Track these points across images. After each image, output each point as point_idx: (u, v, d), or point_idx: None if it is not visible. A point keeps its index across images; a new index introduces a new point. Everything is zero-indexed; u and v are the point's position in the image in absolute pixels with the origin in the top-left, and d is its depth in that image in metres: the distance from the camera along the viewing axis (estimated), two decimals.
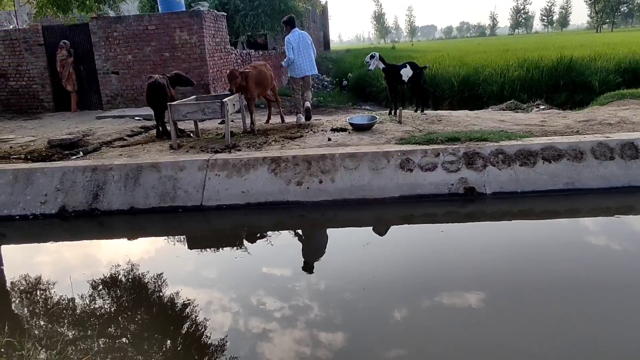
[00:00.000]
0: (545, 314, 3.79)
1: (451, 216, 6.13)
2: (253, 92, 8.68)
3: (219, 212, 6.42)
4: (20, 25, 15.47)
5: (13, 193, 6.65)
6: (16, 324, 4.15)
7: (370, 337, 3.70)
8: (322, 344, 3.59)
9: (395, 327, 3.78)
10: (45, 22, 13.40)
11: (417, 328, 3.76)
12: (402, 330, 3.75)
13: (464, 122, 8.37)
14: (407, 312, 3.98)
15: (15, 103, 13.41)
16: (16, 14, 16.03)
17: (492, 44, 37.82)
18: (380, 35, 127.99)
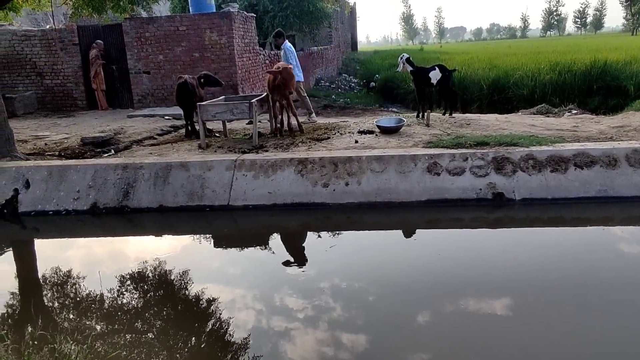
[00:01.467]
0: (573, 325, 3.71)
1: (479, 222, 6.05)
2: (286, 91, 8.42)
3: (245, 212, 6.48)
4: (57, 25, 15.92)
5: (47, 189, 6.85)
6: (48, 317, 4.27)
7: (392, 339, 3.68)
8: (344, 345, 3.60)
9: (418, 331, 3.75)
10: (80, 22, 13.74)
11: (439, 332, 3.72)
12: (424, 334, 3.72)
13: (493, 126, 8.25)
14: (430, 316, 3.95)
15: (50, 101, 13.79)
16: (53, 14, 16.52)
17: (523, 46, 37.16)
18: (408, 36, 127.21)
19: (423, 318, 3.92)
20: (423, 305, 4.10)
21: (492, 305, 4.03)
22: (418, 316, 3.95)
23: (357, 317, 4.00)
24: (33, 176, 6.94)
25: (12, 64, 13.58)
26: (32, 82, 13.72)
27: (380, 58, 31.31)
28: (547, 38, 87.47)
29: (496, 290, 4.29)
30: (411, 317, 3.94)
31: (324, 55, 23.92)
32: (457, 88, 13.16)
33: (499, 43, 59.34)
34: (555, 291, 4.22)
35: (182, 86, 8.47)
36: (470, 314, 3.92)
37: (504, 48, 34.43)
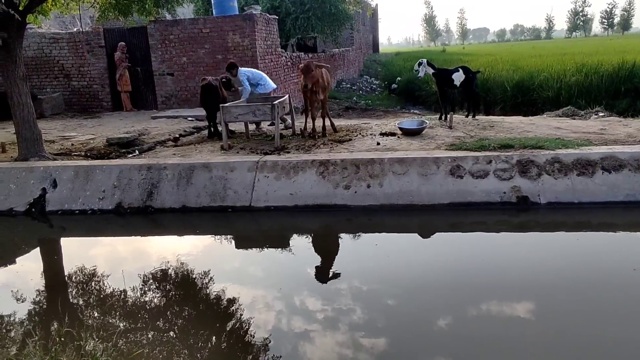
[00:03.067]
0: (598, 334, 3.63)
1: (502, 225, 5.97)
2: (325, 90, 8.31)
3: (267, 213, 6.50)
4: (83, 28, 16.25)
5: (74, 189, 6.98)
6: (74, 314, 4.34)
7: (412, 343, 3.66)
8: (364, 347, 3.59)
9: (438, 335, 3.72)
10: (106, 25, 13.99)
11: (460, 336, 3.68)
12: (444, 338, 3.68)
13: (518, 129, 8.13)
14: (451, 320, 3.91)
15: (76, 102, 14.07)
16: (81, 17, 16.86)
17: (547, 47, 36.56)
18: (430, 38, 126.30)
19: (444, 322, 3.88)
20: (444, 309, 4.06)
21: (514, 311, 3.97)
22: (439, 320, 3.91)
23: (377, 319, 3.99)
24: (60, 176, 7.09)
25: (41, 66, 13.91)
26: (59, 83, 14.03)
27: (402, 60, 31.13)
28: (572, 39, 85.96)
29: (519, 295, 4.22)
30: (432, 321, 3.91)
31: (345, 57, 23.91)
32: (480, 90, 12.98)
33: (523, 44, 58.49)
34: (581, 298, 4.14)
35: (206, 88, 8.56)
36: (492, 319, 3.87)
37: (528, 49, 33.93)
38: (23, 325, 4.20)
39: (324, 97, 8.26)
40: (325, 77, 8.20)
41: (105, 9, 9.08)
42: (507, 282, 4.48)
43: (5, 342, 3.93)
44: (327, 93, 8.41)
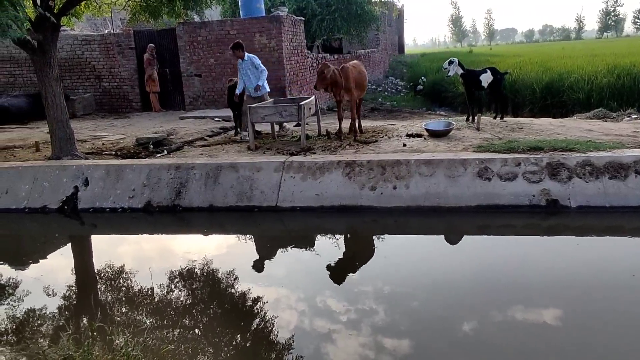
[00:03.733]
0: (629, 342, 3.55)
1: (531, 229, 5.87)
2: (352, 90, 8.11)
3: (292, 213, 6.54)
4: (114, 30, 16.62)
5: (105, 187, 7.15)
6: (104, 310, 4.45)
7: (436, 346, 3.63)
8: (386, 349, 3.57)
9: (462, 339, 3.67)
10: (136, 27, 14.28)
11: (484, 341, 3.63)
12: (468, 342, 3.64)
13: (547, 131, 8.00)
14: (476, 324, 3.86)
15: (107, 102, 14.39)
16: (112, 19, 17.25)
17: (578, 48, 35.79)
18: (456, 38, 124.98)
19: (468, 326, 3.83)
20: (469, 313, 4.01)
21: (541, 317, 3.90)
22: (463, 324, 3.87)
23: (400, 322, 3.97)
24: (92, 174, 7.27)
25: (73, 67, 14.27)
26: (90, 84, 14.37)
27: (427, 61, 30.90)
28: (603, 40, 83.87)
29: (547, 301, 4.14)
30: (456, 325, 3.86)
31: (370, 58, 23.85)
32: (507, 91, 12.79)
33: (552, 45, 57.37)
34: (613, 305, 4.04)
35: (233, 88, 8.66)
36: (517, 324, 3.81)
37: (558, 50, 33.28)
38: (55, 319, 4.32)
39: (350, 97, 8.20)
40: (351, 77, 8.03)
41: (136, 12, 9.26)
42: (534, 287, 4.40)
43: (38, 335, 4.05)
44: (354, 94, 8.21)
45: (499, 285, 4.48)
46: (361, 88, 8.50)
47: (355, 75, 8.15)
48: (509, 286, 4.45)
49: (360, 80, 8.33)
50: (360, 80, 8.35)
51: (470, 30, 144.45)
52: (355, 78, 8.14)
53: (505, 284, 4.50)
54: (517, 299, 4.19)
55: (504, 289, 4.39)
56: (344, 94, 8.09)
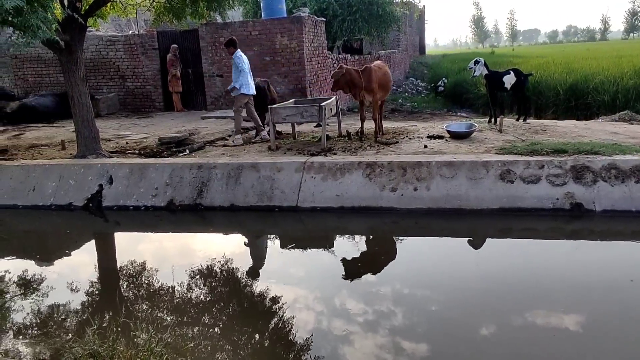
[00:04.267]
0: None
1: (554, 232, 5.80)
2: (375, 91, 8.02)
3: (312, 213, 6.56)
4: (138, 30, 16.87)
5: (129, 185, 7.26)
6: (128, 306, 4.53)
7: (454, 350, 3.60)
8: (405, 352, 3.57)
9: (482, 343, 3.64)
10: (159, 27, 14.48)
11: (504, 346, 3.60)
12: (488, 347, 3.61)
13: (571, 133, 7.88)
14: (495, 329, 3.82)
15: (130, 102, 14.62)
16: (136, 20, 17.52)
17: (603, 49, 35.13)
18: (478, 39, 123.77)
19: (488, 330, 3.80)
20: (489, 318, 3.97)
21: (562, 322, 3.85)
22: (483, 328, 3.83)
23: (419, 324, 3.96)
24: (116, 173, 7.40)
25: (98, 67, 14.53)
26: (115, 84, 14.61)
27: (449, 61, 30.67)
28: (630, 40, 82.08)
29: (569, 306, 4.08)
30: (475, 329, 3.82)
31: (391, 59, 23.76)
32: (530, 93, 12.61)
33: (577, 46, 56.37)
34: (637, 312, 3.97)
35: (256, 89, 8.73)
36: (538, 330, 3.76)
37: (582, 51, 32.73)
38: (79, 315, 4.41)
39: (373, 99, 8.13)
40: (374, 78, 7.95)
41: (160, 13, 9.40)
42: (557, 292, 4.34)
43: (63, 330, 4.14)
44: (377, 95, 8.10)
45: (521, 290, 4.42)
46: (385, 89, 8.41)
47: (379, 76, 8.07)
48: (531, 291, 4.39)
49: (384, 82, 8.24)
50: (385, 81, 8.27)
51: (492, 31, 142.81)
52: (379, 79, 8.06)
53: (527, 288, 4.45)
54: (538, 304, 4.14)
55: (525, 294, 4.34)
56: (365, 94, 8.03)
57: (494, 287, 4.52)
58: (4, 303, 4.76)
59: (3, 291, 5.06)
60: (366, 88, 7.94)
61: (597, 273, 4.70)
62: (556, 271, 4.77)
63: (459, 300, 4.32)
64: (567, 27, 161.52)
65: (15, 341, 4.02)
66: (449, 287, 4.57)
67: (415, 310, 4.18)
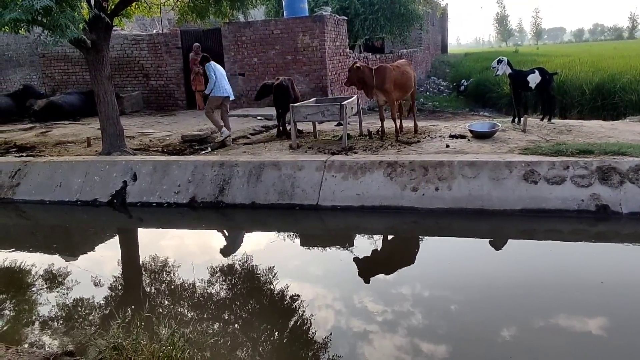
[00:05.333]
0: None
1: (579, 235, 5.70)
2: (389, 91, 7.91)
3: (333, 212, 6.57)
4: (162, 29, 17.08)
5: (152, 182, 7.37)
6: (150, 301, 4.60)
7: (473, 352, 3.57)
8: (423, 352, 3.55)
9: (502, 346, 3.60)
10: (182, 26, 14.65)
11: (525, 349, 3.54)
12: (508, 349, 3.56)
13: (598, 134, 7.72)
14: (516, 331, 3.77)
15: (154, 100, 14.82)
16: (160, 19, 17.75)
17: (630, 48, 34.29)
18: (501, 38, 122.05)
19: (508, 333, 3.75)
20: (510, 320, 3.93)
21: (585, 325, 3.79)
22: (503, 330, 3.79)
23: (438, 325, 3.94)
24: (140, 170, 7.51)
25: (123, 66, 14.76)
26: (139, 82, 14.83)
27: (471, 60, 30.31)
28: None
29: (593, 310, 4.02)
30: (496, 331, 3.79)
31: (413, 57, 23.59)
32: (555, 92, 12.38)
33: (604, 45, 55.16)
34: None
35: (278, 87, 8.78)
36: (559, 333, 3.70)
37: (609, 50, 32.00)
38: (103, 309, 4.50)
39: (387, 98, 8.02)
40: (388, 77, 7.82)
41: (184, 12, 9.51)
42: (580, 295, 4.27)
43: (88, 323, 4.23)
44: (392, 95, 7.98)
45: (543, 292, 4.36)
46: (403, 89, 8.20)
47: (395, 75, 7.92)
48: (553, 293, 4.32)
49: (402, 81, 8.07)
50: (402, 81, 8.09)
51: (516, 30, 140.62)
52: (395, 78, 7.92)
53: (550, 291, 4.38)
54: (560, 306, 4.08)
55: (547, 296, 4.28)
56: (378, 94, 7.97)
57: (514, 289, 4.47)
58: (31, 296, 4.89)
59: (30, 284, 5.20)
60: (378, 87, 7.85)
61: (623, 276, 4.60)
62: (580, 274, 4.70)
63: (480, 302, 4.28)
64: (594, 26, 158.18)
65: (41, 333, 4.12)
66: (469, 288, 4.53)
67: (435, 310, 4.16)
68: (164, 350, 3.24)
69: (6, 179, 8.00)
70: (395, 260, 5.44)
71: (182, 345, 3.38)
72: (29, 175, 7.93)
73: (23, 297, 4.89)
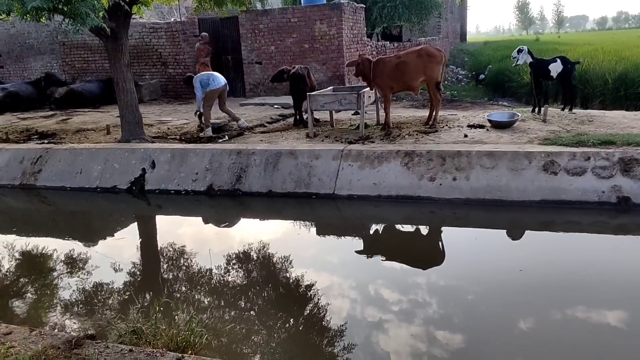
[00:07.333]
0: None
1: (599, 227, 5.62)
2: (381, 85, 7.83)
3: (349, 201, 6.57)
4: (180, 18, 17.13)
5: (170, 170, 7.45)
6: (168, 287, 4.67)
7: (489, 342, 3.56)
8: (438, 342, 3.55)
9: (518, 337, 3.58)
10: (200, 14, 14.66)
11: (541, 341, 3.51)
12: (524, 340, 3.54)
13: (620, 124, 7.57)
14: (532, 323, 3.74)
15: (172, 88, 14.90)
16: (178, 7, 17.80)
17: None
18: (522, 26, 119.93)
19: (525, 324, 3.73)
20: (526, 312, 3.90)
21: (603, 318, 3.75)
22: (520, 322, 3.76)
23: (454, 315, 3.92)
24: (158, 157, 7.59)
25: (141, 54, 14.84)
26: (157, 70, 14.91)
27: (491, 49, 29.84)
28: None
29: (612, 302, 3.97)
30: (512, 322, 3.76)
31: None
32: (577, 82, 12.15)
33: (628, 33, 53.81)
34: None
35: (294, 76, 8.75)
36: (577, 325, 3.68)
37: (634, 38, 31.23)
38: (122, 294, 4.58)
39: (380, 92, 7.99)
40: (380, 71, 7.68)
41: (202, 0, 9.52)
42: (599, 288, 4.22)
43: (107, 308, 4.31)
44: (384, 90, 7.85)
45: (560, 285, 4.31)
46: (401, 82, 7.75)
47: (389, 69, 7.63)
48: (571, 286, 4.29)
49: (398, 74, 7.64)
50: (398, 73, 7.63)
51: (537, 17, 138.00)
52: (388, 72, 7.64)
53: (567, 283, 4.34)
54: (578, 299, 4.05)
55: (565, 289, 4.24)
56: (375, 86, 7.95)
57: (532, 281, 4.42)
58: (53, 280, 5.00)
59: (52, 269, 5.31)
60: (373, 81, 7.82)
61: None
62: (599, 267, 4.64)
63: (495, 293, 4.27)
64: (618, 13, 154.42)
65: (63, 317, 4.22)
66: (486, 279, 4.52)
67: (451, 301, 4.15)
68: (182, 335, 3.29)
69: (28, 165, 8.15)
70: (411, 250, 5.43)
71: (199, 330, 3.43)
72: (50, 162, 8.07)
73: (45, 281, 5.00)
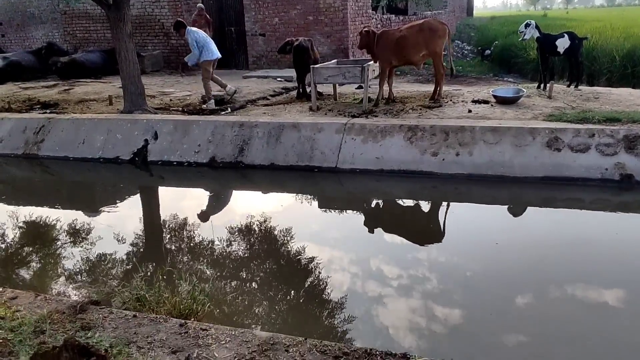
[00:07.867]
0: None
1: (601, 204, 5.63)
2: (381, 58, 7.79)
3: (352, 175, 6.57)
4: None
5: (172, 141, 7.44)
6: (171, 257, 4.72)
7: (488, 319, 3.59)
8: (437, 317, 3.58)
9: (517, 314, 3.61)
10: None
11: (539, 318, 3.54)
12: (523, 317, 3.57)
13: (626, 101, 7.50)
14: (532, 299, 3.77)
15: (174, 60, 14.74)
16: None
17: None
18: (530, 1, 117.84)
19: (523, 300, 3.76)
20: (526, 288, 3.92)
21: (602, 296, 3.78)
22: (518, 298, 3.79)
23: (453, 291, 3.95)
24: (161, 129, 7.57)
25: (143, 25, 14.67)
26: (159, 41, 14.76)
27: (497, 24, 29.39)
28: None
29: (612, 280, 3.99)
30: (511, 299, 3.78)
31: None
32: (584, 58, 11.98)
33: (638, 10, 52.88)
34: None
35: (297, 48, 8.65)
36: (576, 303, 3.71)
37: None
38: (125, 263, 4.62)
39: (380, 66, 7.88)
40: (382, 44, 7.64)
41: None
42: (599, 266, 4.24)
43: (111, 277, 4.36)
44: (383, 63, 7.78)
45: (561, 262, 4.34)
46: (401, 55, 7.69)
47: (390, 42, 7.58)
48: (572, 264, 4.31)
49: (398, 48, 7.58)
50: (399, 47, 7.58)
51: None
52: (389, 45, 7.60)
53: (568, 261, 4.36)
54: (579, 277, 4.08)
55: (565, 266, 4.26)
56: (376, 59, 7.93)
57: (531, 257, 4.45)
58: (56, 249, 5.05)
59: (56, 238, 5.36)
60: (375, 53, 7.81)
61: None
62: (600, 245, 4.66)
63: (495, 270, 4.29)
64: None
65: (67, 284, 4.28)
66: (486, 255, 4.54)
67: (450, 277, 4.17)
68: (185, 303, 3.34)
69: (31, 134, 8.15)
70: (412, 225, 5.46)
71: (202, 299, 3.48)
72: (53, 132, 8.06)
73: (49, 250, 5.05)
